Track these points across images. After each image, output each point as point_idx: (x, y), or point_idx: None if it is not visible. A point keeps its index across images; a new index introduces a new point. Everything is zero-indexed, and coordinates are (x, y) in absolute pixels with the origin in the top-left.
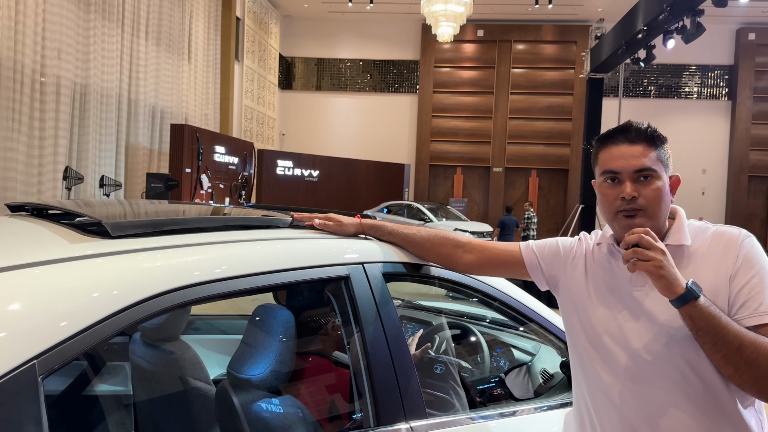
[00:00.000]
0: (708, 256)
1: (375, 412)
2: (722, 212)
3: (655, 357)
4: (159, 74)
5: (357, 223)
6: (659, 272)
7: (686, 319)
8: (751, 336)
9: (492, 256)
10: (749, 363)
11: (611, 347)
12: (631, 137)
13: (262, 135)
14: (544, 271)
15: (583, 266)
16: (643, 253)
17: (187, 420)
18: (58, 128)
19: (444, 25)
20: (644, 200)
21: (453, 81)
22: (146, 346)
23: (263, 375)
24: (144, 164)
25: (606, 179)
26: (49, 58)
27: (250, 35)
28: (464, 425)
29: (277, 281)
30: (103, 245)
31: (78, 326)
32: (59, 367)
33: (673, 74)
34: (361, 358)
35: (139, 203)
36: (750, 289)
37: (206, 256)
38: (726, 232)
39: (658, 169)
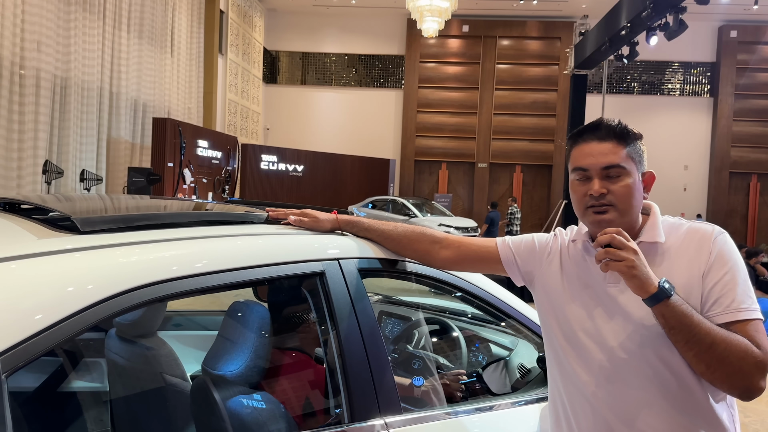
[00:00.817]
0: (681, 253)
1: (349, 407)
2: (703, 208)
3: (629, 354)
4: (141, 67)
5: (333, 219)
6: (631, 272)
7: (659, 318)
8: (723, 334)
9: (468, 251)
10: (720, 361)
11: (587, 344)
12: (601, 135)
13: (246, 129)
14: (520, 266)
15: (559, 262)
16: (615, 253)
17: (163, 416)
18: (37, 122)
19: (429, 20)
20: (613, 197)
21: (438, 76)
22: (122, 342)
23: (237, 371)
24: (126, 158)
25: (577, 176)
26: (29, 51)
27: (234, 28)
28: (440, 420)
29: (250, 277)
30: (71, 241)
31: (43, 323)
32: (24, 364)
33: (656, 71)
34: (335, 354)
35: (113, 198)
36: (722, 286)
37: (176, 252)
38: (699, 229)
39: (627, 166)
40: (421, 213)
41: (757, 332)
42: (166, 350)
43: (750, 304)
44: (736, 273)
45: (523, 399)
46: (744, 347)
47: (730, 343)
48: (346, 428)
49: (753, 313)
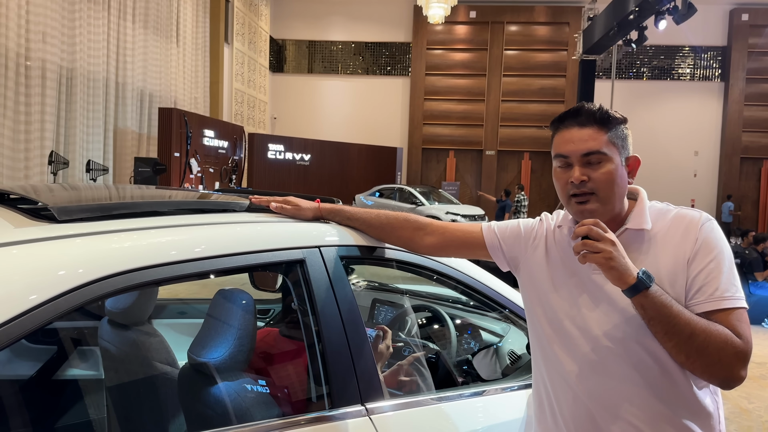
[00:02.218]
0: (668, 239)
1: (330, 394)
2: (714, 194)
3: (614, 343)
4: (147, 57)
5: (315, 207)
6: (609, 264)
7: (638, 309)
8: (703, 324)
9: (453, 237)
10: (700, 351)
11: (571, 332)
12: (581, 120)
13: (253, 119)
14: (505, 252)
15: (544, 248)
16: (593, 245)
17: (154, 403)
18: (44, 113)
19: (435, 7)
20: (594, 184)
21: (445, 63)
22: (113, 330)
23: (221, 358)
24: (133, 148)
25: (558, 164)
26: (34, 42)
27: (239, 17)
28: (424, 406)
29: (228, 265)
30: (47, 230)
31: (11, 312)
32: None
33: (666, 55)
34: (316, 340)
35: (101, 188)
36: (707, 274)
37: (152, 241)
38: (687, 215)
39: (608, 152)
40: (428, 201)
41: (740, 321)
42: (156, 338)
43: (734, 293)
44: (721, 261)
45: (511, 385)
46: (724, 337)
47: (710, 333)
48: (327, 414)
49: (736, 301)
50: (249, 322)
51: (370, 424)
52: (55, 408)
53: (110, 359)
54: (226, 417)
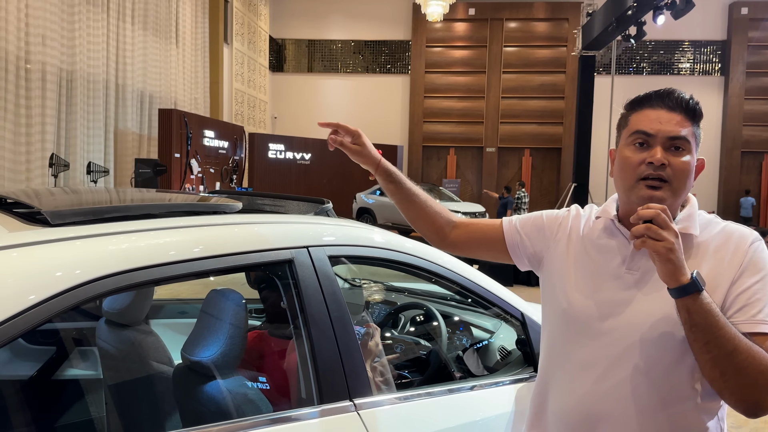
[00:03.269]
0: (713, 251)
1: (319, 390)
2: (715, 188)
3: (636, 353)
4: (147, 59)
5: (378, 157)
6: (668, 255)
7: (682, 312)
8: (746, 343)
9: (475, 235)
10: (738, 370)
11: (589, 334)
12: (671, 104)
13: (253, 118)
14: (527, 247)
15: (570, 242)
16: (657, 231)
17: (150, 400)
18: (45, 115)
19: (434, 5)
20: (672, 171)
21: (445, 61)
22: (111, 330)
23: (213, 356)
24: (133, 150)
25: (634, 141)
26: (34, 45)
27: (238, 17)
28: (412, 401)
29: (218, 266)
30: (40, 233)
31: (4, 314)
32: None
33: (666, 50)
34: (305, 338)
35: (95, 191)
36: (751, 294)
37: (143, 243)
38: (736, 231)
39: (692, 143)
40: None
41: None
42: (152, 338)
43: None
44: (767, 284)
45: (501, 380)
46: (766, 362)
47: (752, 353)
48: (316, 409)
49: None
50: (240, 321)
51: (358, 418)
52: (56, 406)
53: (108, 358)
54: (219, 413)
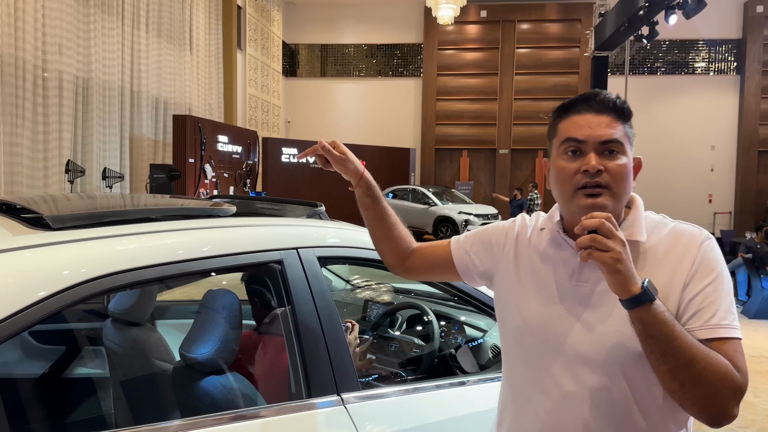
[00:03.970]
0: (663, 255)
1: (307, 384)
2: (732, 188)
3: (589, 367)
4: (161, 66)
5: (361, 168)
6: (616, 266)
7: (636, 323)
8: (704, 351)
9: (429, 254)
10: (697, 380)
11: (541, 350)
12: (598, 107)
13: (267, 123)
14: (476, 265)
15: (514, 255)
16: (602, 241)
17: (152, 394)
18: (61, 122)
19: (444, 8)
20: (610, 176)
21: (457, 63)
22: (116, 330)
23: (208, 353)
24: (149, 155)
25: (566, 150)
26: (51, 53)
27: (252, 23)
28: (398, 396)
29: (210, 266)
30: (40, 237)
31: (6, 311)
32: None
33: (680, 50)
34: (294, 336)
35: (99, 197)
36: (704, 297)
37: (137, 245)
38: (685, 231)
39: (625, 144)
40: (441, 201)
41: (736, 353)
42: (155, 337)
43: (731, 321)
44: (720, 285)
45: (491, 376)
46: (725, 369)
47: (710, 361)
48: (305, 403)
49: (734, 331)
50: (234, 320)
51: (345, 412)
52: (65, 402)
53: (114, 357)
54: (214, 406)
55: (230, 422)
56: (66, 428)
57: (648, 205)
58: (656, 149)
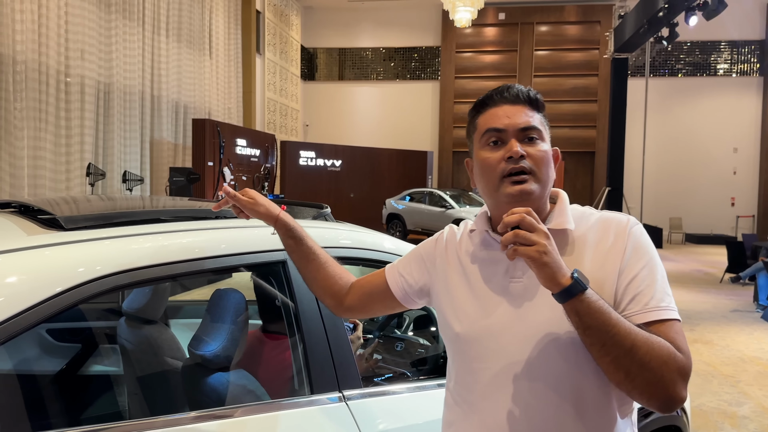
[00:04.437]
0: (593, 243)
1: (309, 382)
2: (755, 191)
3: (531, 367)
4: (181, 70)
5: (274, 210)
6: (543, 259)
7: (572, 316)
8: (644, 335)
9: (366, 285)
10: (642, 366)
11: (481, 356)
12: (512, 98)
13: (285, 126)
14: (412, 285)
15: (445, 265)
16: (525, 236)
17: (164, 391)
18: (83, 126)
19: (461, 11)
20: (533, 161)
21: (475, 66)
22: (130, 329)
23: (215, 351)
24: (169, 159)
25: (488, 141)
26: (73, 59)
27: (270, 28)
28: (399, 394)
29: (216, 266)
30: (53, 237)
31: (19, 307)
32: (5, 341)
33: (702, 51)
34: (297, 334)
35: (112, 199)
36: (640, 281)
37: (146, 245)
38: (613, 219)
39: (543, 131)
40: (458, 204)
41: (677, 334)
42: (168, 335)
43: (669, 303)
44: (654, 268)
45: None
46: (667, 351)
47: (652, 346)
48: (307, 399)
49: (672, 312)
50: (241, 318)
51: (346, 408)
52: (81, 397)
53: (128, 354)
54: (220, 402)
55: (235, 416)
56: (81, 422)
57: (669, 207)
58: (678, 152)
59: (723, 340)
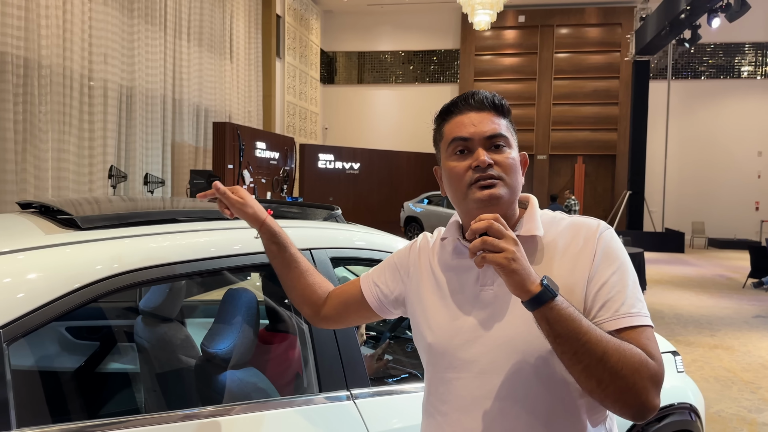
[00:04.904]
0: (563, 249)
1: (318, 380)
2: None
3: (504, 377)
4: (202, 74)
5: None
6: (511, 266)
7: (542, 324)
8: (615, 342)
9: (342, 294)
10: (614, 374)
11: (455, 366)
12: (477, 105)
13: (304, 130)
14: (387, 295)
15: (418, 273)
16: (493, 243)
17: (178, 388)
18: (106, 129)
19: (481, 13)
20: (500, 168)
21: (494, 68)
22: (146, 327)
23: (228, 349)
24: (190, 161)
25: (455, 150)
26: (96, 63)
27: (290, 32)
28: (406, 393)
29: (227, 265)
30: (69, 236)
31: (36, 303)
32: (23, 335)
33: (726, 53)
34: (307, 333)
35: (128, 200)
36: (610, 288)
37: (159, 244)
38: (583, 224)
39: (510, 138)
40: None
41: (649, 341)
42: (183, 333)
43: (640, 309)
44: (624, 273)
45: None
46: (638, 358)
47: (623, 353)
48: (315, 397)
49: (644, 318)
50: (252, 317)
51: (354, 406)
52: (99, 393)
53: (144, 351)
54: (231, 398)
55: (246, 413)
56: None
57: (691, 211)
58: (700, 155)
59: (744, 346)
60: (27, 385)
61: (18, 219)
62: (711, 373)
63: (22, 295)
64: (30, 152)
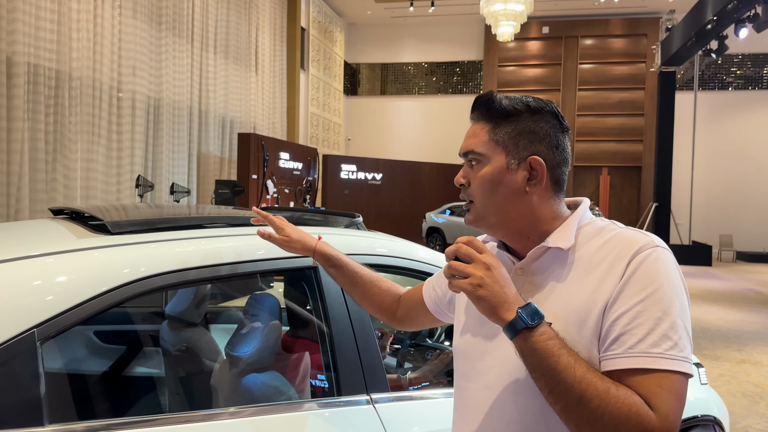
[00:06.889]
0: (593, 266)
1: (338, 384)
2: None
3: (502, 391)
4: (228, 86)
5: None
6: (477, 292)
7: (519, 354)
8: (598, 387)
9: (410, 298)
10: (592, 423)
11: (468, 374)
12: (475, 115)
13: (328, 141)
14: (441, 298)
15: None
16: (458, 268)
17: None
18: (134, 140)
19: (504, 25)
20: (472, 189)
21: (518, 80)
22: (171, 332)
23: (249, 352)
24: (215, 172)
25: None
26: (125, 75)
27: (315, 44)
28: (425, 399)
29: (249, 270)
30: (99, 240)
31: (68, 303)
32: (56, 334)
33: (754, 64)
34: (327, 337)
35: (158, 207)
36: (631, 318)
37: (186, 248)
38: (625, 238)
39: (486, 152)
40: None
41: (661, 389)
42: (206, 338)
43: (666, 349)
44: (656, 303)
45: None
46: (628, 408)
47: (606, 400)
48: (335, 400)
49: (668, 362)
50: (274, 322)
51: (374, 411)
52: (126, 395)
53: (169, 355)
54: (253, 400)
55: (266, 414)
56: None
57: (719, 224)
58: (728, 167)
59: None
60: (58, 384)
61: (51, 224)
62: (738, 388)
63: (53, 297)
64: (60, 162)
